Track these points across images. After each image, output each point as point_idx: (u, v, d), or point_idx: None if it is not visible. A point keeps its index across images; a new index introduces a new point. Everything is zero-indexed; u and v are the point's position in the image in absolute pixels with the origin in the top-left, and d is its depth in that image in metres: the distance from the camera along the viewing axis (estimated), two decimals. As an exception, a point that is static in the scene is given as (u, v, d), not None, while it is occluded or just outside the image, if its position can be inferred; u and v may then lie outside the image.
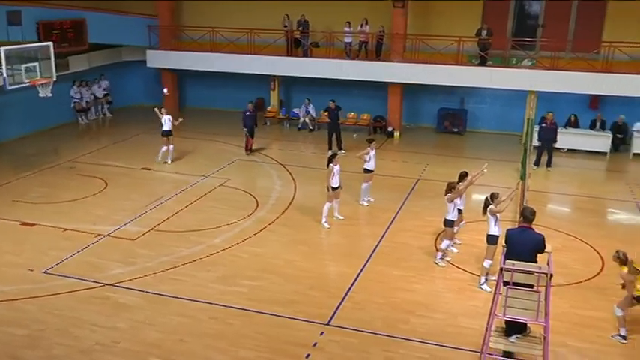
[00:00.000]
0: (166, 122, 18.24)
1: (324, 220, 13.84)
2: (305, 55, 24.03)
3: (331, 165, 13.62)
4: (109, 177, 17.11)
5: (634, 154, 20.89)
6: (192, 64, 24.74)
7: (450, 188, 11.76)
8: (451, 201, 11.69)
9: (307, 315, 10.06)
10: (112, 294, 10.73)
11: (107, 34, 22.99)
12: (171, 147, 18.48)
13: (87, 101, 24.39)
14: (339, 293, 10.81)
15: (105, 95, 25.29)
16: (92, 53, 23.62)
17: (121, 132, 22.71)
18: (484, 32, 21.78)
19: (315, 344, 9.26)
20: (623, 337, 9.49)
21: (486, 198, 11.00)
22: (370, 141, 15.26)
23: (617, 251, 9.57)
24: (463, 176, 12.62)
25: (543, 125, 19.32)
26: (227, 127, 22.80)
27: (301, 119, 24.22)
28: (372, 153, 15.02)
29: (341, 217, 14.24)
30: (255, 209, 14.91)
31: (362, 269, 11.79)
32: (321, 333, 9.55)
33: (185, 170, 18.02)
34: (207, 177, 17.37)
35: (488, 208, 10.84)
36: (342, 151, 19.67)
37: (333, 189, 13.73)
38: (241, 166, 18.81)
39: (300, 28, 23.92)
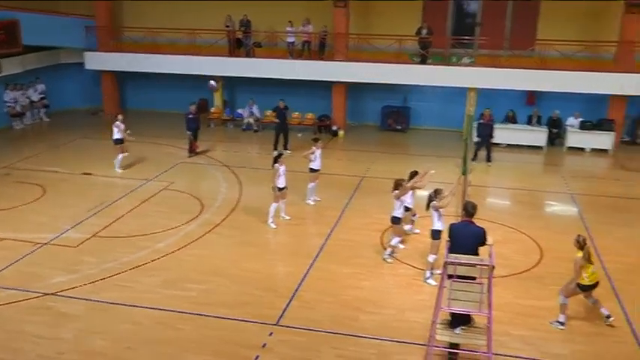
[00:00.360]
0: (118, 130, 17.70)
1: (270, 220, 13.82)
2: (248, 56, 23.93)
3: (276, 165, 13.61)
4: (47, 183, 16.59)
5: (568, 148, 21.71)
6: (132, 66, 24.28)
7: (397, 185, 11.89)
8: (398, 198, 11.83)
9: (256, 316, 10.02)
10: (53, 304, 10.41)
11: (42, 36, 22.27)
12: (125, 154, 18.00)
13: (22, 105, 23.55)
14: (288, 293, 10.81)
15: (41, 99, 24.48)
16: (26, 56, 22.83)
17: (59, 136, 22.06)
18: (424, 31, 22.18)
19: (264, 345, 9.24)
20: (562, 324, 9.81)
21: (430, 194, 11.21)
22: (315, 140, 15.32)
23: (578, 235, 9.79)
24: (413, 174, 12.75)
25: (481, 121, 19.85)
26: (170, 130, 22.45)
27: (245, 120, 24.10)
28: (318, 152, 15.08)
29: (287, 217, 14.25)
30: (201, 212, 14.75)
31: (310, 268, 11.82)
32: (270, 334, 9.54)
33: (128, 174, 17.65)
34: (151, 181, 17.07)
35: (431, 204, 11.06)
36: (288, 151, 19.65)
37: (279, 189, 13.73)
38: (185, 168, 18.57)
39: (243, 28, 23.81)
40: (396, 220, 12.04)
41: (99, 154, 18.57)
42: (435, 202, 10.98)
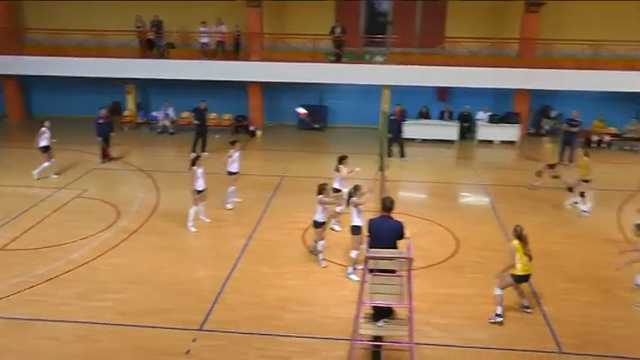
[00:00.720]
0: (43, 137, 16.86)
1: (190, 224, 13.59)
2: (161, 57, 23.41)
3: (194, 167, 13.40)
4: (-53, 196, 15.62)
5: (478, 141, 22.64)
6: (37, 70, 23.19)
7: (321, 189, 11.71)
8: (321, 204, 11.75)
9: (178, 322, 9.84)
10: (-41, 323, 9.81)
11: None
12: (52, 161, 17.18)
13: None
14: (210, 297, 10.68)
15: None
16: None
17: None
18: (338, 30, 22.48)
19: (188, 352, 9.08)
20: (499, 316, 9.91)
21: (349, 190, 11.37)
22: (232, 143, 15.18)
23: (517, 225, 9.97)
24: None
25: (392, 118, 20.32)
26: (81, 135, 21.56)
27: (161, 122, 23.58)
28: (236, 155, 14.96)
29: (207, 220, 14.07)
30: (117, 219, 14.31)
31: (232, 270, 11.72)
32: (194, 340, 9.38)
33: (37, 183, 16.85)
34: (62, 189, 16.38)
35: (350, 200, 11.23)
36: (206, 153, 19.39)
37: (198, 192, 13.53)
38: (99, 175, 17.96)
39: (154, 29, 23.26)
40: (317, 225, 11.87)
41: (4, 162, 17.59)
42: (354, 198, 11.15)
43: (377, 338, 8.58)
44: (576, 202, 15.61)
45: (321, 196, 11.62)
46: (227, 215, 14.76)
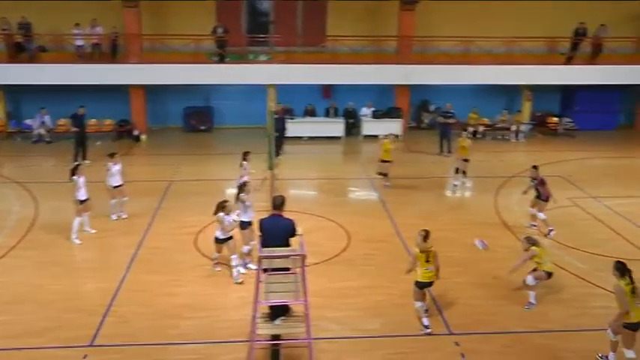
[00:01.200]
0: None
1: (74, 236, 12.96)
2: (31, 61, 22.06)
3: (75, 177, 12.79)
4: None
5: (364, 136, 23.30)
6: None
7: (220, 208, 11.07)
8: (220, 224, 11.14)
9: (67, 340, 9.36)
10: None
11: None
12: None
13: None
14: (100, 310, 10.24)
15: None
16: None
17: None
18: (220, 30, 22.26)
19: (79, 369, 8.69)
20: (427, 327, 9.78)
21: (238, 186, 11.58)
22: (111, 155, 14.35)
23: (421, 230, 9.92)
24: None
25: (276, 116, 20.45)
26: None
27: (35, 131, 22.25)
28: (116, 168, 14.21)
29: (92, 231, 13.47)
30: (-8, 236, 13.39)
31: (122, 281, 11.31)
32: (85, 356, 8.97)
33: None
34: None
35: (239, 196, 11.28)
36: (87, 161, 18.65)
37: (81, 202, 12.93)
38: (-32, 189, 16.68)
39: (22, 31, 21.88)
40: (218, 241, 11.35)
41: None
42: (242, 194, 11.33)
43: (275, 337, 8.63)
44: (456, 185, 17.10)
45: (221, 214, 11.03)
46: (113, 225, 14.21)
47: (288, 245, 8.57)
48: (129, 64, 22.07)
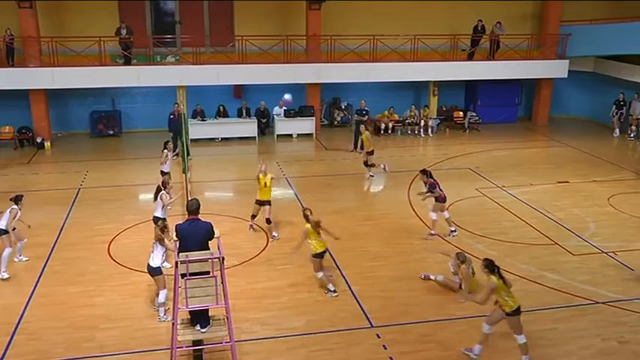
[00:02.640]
0: None
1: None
2: None
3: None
4: None
5: (278, 136, 23.33)
6: None
7: (162, 230, 9.99)
8: (167, 248, 9.88)
9: (-27, 362, 8.83)
10: None
11: None
12: None
13: None
14: (9, 328, 9.70)
15: None
16: None
17: None
18: (124, 31, 21.56)
19: (-12, 392, 8.21)
20: (334, 291, 10.93)
21: (158, 185, 11.78)
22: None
23: (304, 209, 11.18)
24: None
25: (171, 117, 20.16)
26: None
27: None
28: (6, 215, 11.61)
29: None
30: None
31: (31, 296, 10.78)
32: (-6, 377, 8.51)
33: None
34: None
35: (160, 194, 11.46)
36: None
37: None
38: None
39: None
40: (154, 270, 9.91)
41: None
42: (163, 192, 11.68)
43: (197, 342, 8.51)
44: (372, 176, 17.62)
45: (166, 241, 9.81)
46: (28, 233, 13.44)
47: (207, 249, 8.45)
48: (27, 67, 20.96)
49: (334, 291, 10.91)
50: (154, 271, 9.85)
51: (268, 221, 13.29)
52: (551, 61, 24.84)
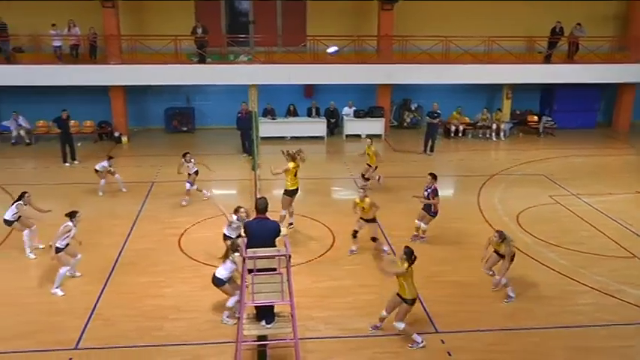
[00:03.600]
0: None
1: (35, 247, 12.54)
2: (8, 62, 21.74)
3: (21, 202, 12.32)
4: None
5: (346, 135, 23.34)
6: None
7: (233, 248, 9.87)
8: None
9: (52, 343, 9.26)
10: None
11: None
12: None
13: None
14: (85, 313, 10.14)
15: None
16: None
17: None
18: (199, 30, 22.11)
19: (64, 373, 8.60)
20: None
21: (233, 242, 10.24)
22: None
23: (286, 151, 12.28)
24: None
25: (239, 115, 20.42)
26: None
27: (14, 133, 21.92)
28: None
29: (41, 246, 12.68)
30: (-28, 239, 13.18)
31: (106, 283, 11.21)
32: (70, 359, 8.89)
33: None
34: None
35: (231, 256, 9.91)
36: (76, 162, 18.89)
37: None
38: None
39: (-2, 32, 21.59)
40: (219, 282, 9.95)
41: None
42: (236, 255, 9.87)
43: (262, 338, 8.61)
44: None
45: (237, 255, 9.71)
46: (97, 227, 14.01)
47: (274, 246, 8.52)
48: (109, 65, 21.84)
49: (290, 224, 12.74)
50: (219, 283, 9.82)
51: (373, 239, 12.65)
52: (636, 64, 23.70)
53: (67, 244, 10.98)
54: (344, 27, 23.63)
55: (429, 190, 12.82)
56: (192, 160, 15.73)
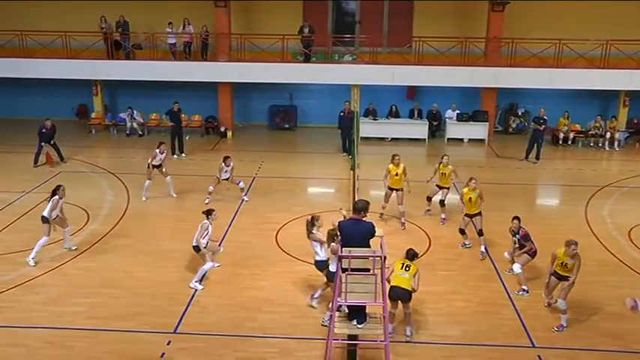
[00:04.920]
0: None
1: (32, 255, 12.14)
2: (127, 58, 23.11)
3: (55, 197, 12.20)
4: None
5: (448, 139, 22.89)
6: (4, 72, 22.51)
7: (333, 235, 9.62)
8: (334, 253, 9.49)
9: (153, 326, 9.75)
10: None
11: None
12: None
13: None
14: (184, 299, 10.60)
15: None
16: None
17: None
18: (306, 30, 22.46)
19: (162, 355, 9.01)
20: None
21: (308, 221, 10.34)
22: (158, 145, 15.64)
23: None
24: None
25: (341, 114, 20.42)
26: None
27: (128, 124, 23.26)
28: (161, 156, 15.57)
29: (74, 248, 12.70)
30: (87, 222, 14.11)
31: (205, 273, 11.64)
32: (168, 342, 9.32)
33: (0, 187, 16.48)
34: (28, 193, 16.05)
35: (310, 235, 10.13)
36: (184, 155, 19.84)
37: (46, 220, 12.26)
38: (67, 177, 17.54)
39: (120, 30, 22.95)
40: (320, 264, 10.16)
41: None
42: (315, 233, 10.10)
43: (352, 337, 8.61)
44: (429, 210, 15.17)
45: (333, 244, 9.54)
46: (195, 217, 14.52)
47: (368, 247, 8.45)
48: (218, 62, 22.68)
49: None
50: (321, 266, 10.07)
51: (480, 233, 12.61)
52: None
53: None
54: (451, 28, 23.18)
55: (517, 237, 11.38)
56: (231, 165, 15.40)
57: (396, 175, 14.09)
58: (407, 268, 9.71)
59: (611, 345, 9.44)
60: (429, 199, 14.95)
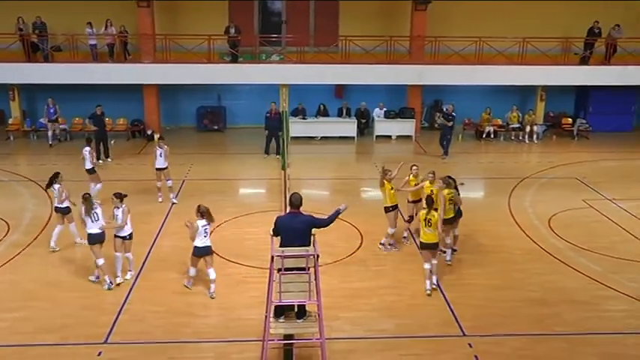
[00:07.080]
0: None
1: (52, 244, 12.70)
2: (46, 60, 22.23)
3: (56, 185, 12.51)
4: None
5: (377, 136, 23.28)
6: None
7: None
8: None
9: (82, 337, 9.43)
10: None
11: None
12: None
13: None
14: (114, 308, 10.31)
15: None
16: None
17: None
18: (232, 30, 22.29)
19: (94, 366, 8.75)
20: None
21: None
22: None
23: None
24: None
25: (267, 115, 20.44)
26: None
27: (50, 125, 22.11)
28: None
29: (84, 242, 12.52)
30: (7, 233, 13.49)
31: (136, 279, 11.38)
32: (99, 353, 9.04)
33: None
34: (-57, 204, 15.21)
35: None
36: (109, 159, 19.33)
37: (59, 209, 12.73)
38: (-16, 187, 16.81)
39: (37, 31, 22.04)
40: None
41: None
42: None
43: (288, 337, 8.62)
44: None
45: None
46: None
47: (309, 242, 8.41)
48: (142, 63, 22.16)
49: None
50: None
51: (410, 218, 13.37)
52: (674, 67, 23.14)
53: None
54: (376, 27, 23.58)
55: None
56: (165, 147, 15.45)
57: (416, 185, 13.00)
58: (429, 223, 10.58)
59: (534, 329, 9.87)
60: (411, 219, 13.37)
